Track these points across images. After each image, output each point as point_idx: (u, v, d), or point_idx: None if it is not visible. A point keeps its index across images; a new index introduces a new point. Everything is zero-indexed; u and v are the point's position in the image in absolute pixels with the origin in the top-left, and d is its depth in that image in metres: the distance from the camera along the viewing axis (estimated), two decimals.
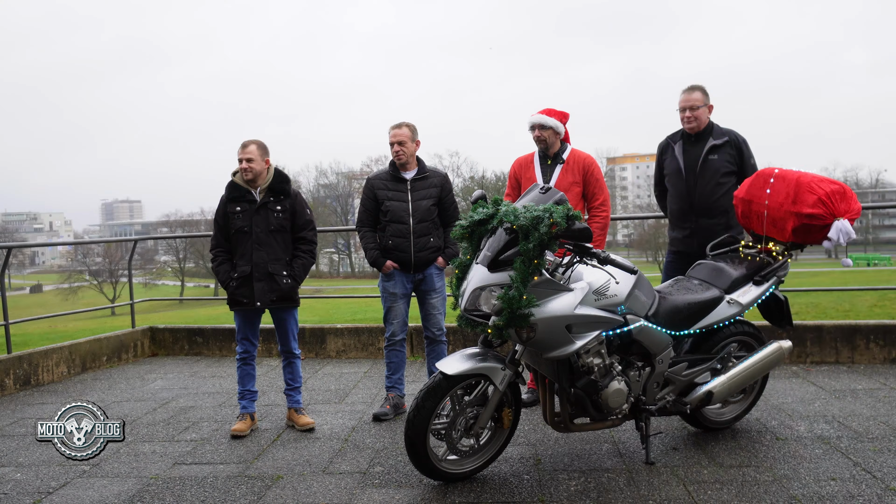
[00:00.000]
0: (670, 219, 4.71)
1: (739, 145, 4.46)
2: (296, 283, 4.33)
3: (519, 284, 3.01)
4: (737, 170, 4.45)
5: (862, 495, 3.05)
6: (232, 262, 4.32)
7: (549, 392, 3.44)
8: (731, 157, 4.43)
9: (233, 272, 4.27)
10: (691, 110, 4.41)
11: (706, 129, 4.48)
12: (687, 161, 4.50)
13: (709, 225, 4.42)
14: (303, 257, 4.38)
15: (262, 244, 4.21)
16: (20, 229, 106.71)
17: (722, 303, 3.69)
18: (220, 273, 4.34)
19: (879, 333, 5.50)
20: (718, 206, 4.42)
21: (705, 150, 4.43)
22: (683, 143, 4.55)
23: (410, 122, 4.54)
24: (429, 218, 4.53)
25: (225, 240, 4.34)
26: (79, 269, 56.21)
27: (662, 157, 4.72)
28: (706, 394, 3.64)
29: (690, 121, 4.44)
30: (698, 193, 4.45)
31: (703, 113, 4.43)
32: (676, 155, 4.55)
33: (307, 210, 4.45)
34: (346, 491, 3.33)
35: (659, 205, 4.92)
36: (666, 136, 4.72)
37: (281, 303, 4.30)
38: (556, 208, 3.01)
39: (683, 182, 4.51)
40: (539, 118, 4.42)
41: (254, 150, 4.25)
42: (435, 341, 4.67)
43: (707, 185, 4.42)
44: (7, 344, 5.94)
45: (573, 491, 3.22)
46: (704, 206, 4.44)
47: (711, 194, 4.42)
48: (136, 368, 6.54)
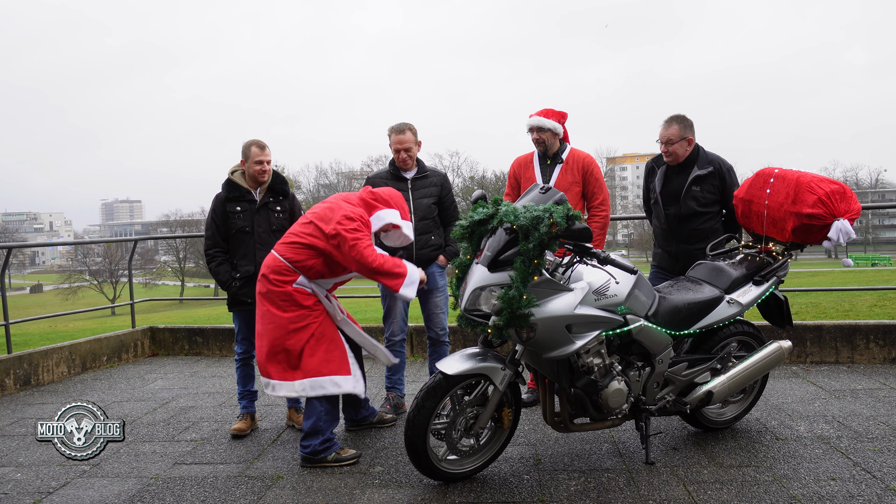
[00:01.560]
0: (655, 237, 4.63)
1: (723, 174, 4.31)
2: None
3: (519, 284, 3.01)
4: (719, 198, 4.33)
5: (862, 495, 3.05)
6: (231, 262, 4.30)
7: (549, 392, 3.44)
8: (713, 188, 4.29)
9: (234, 272, 4.26)
10: (666, 144, 4.27)
11: (690, 158, 4.31)
12: (668, 190, 4.37)
13: (690, 251, 4.33)
14: None
15: (264, 244, 4.20)
16: (20, 229, 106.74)
17: (722, 303, 3.69)
18: (221, 273, 4.28)
19: (879, 333, 5.50)
20: (699, 232, 4.32)
21: (689, 182, 4.29)
22: (667, 169, 4.41)
23: (412, 125, 4.53)
24: (430, 216, 4.53)
25: (223, 240, 4.30)
26: (79, 269, 56.23)
27: (649, 180, 4.58)
28: (706, 394, 3.64)
29: (668, 155, 4.31)
30: (679, 223, 4.34)
31: (679, 147, 4.25)
32: (656, 182, 4.43)
33: (303, 211, 4.46)
34: (346, 491, 3.33)
35: (647, 218, 4.83)
36: (652, 160, 4.58)
37: None
38: (556, 208, 3.01)
39: (662, 211, 4.41)
40: (537, 120, 4.40)
41: (270, 152, 4.31)
42: (438, 342, 4.65)
43: (688, 215, 4.31)
44: (7, 344, 5.95)
45: (573, 491, 3.22)
46: (684, 233, 4.35)
47: (691, 222, 4.32)
48: (136, 368, 6.54)
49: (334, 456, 3.67)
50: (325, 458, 3.66)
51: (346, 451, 3.73)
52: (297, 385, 3.66)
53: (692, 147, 4.30)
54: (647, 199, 4.66)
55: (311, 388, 3.64)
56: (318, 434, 3.67)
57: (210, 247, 4.32)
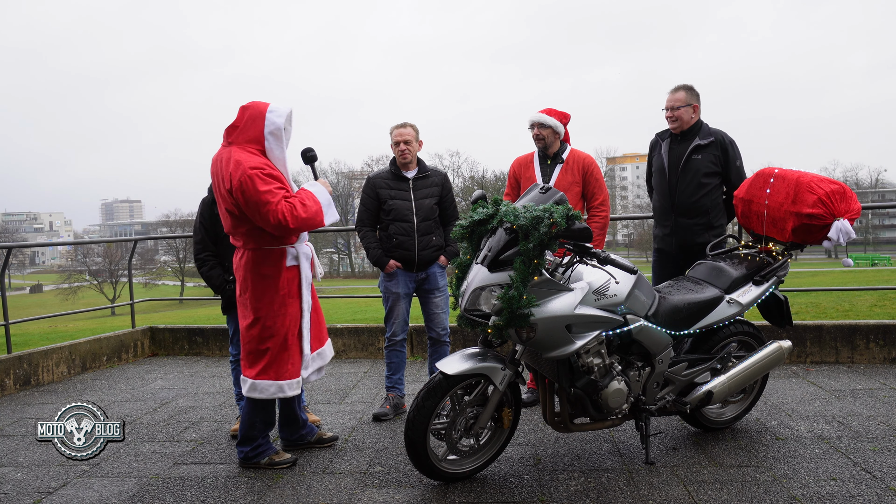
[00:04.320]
0: (654, 216, 4.75)
1: (725, 146, 4.43)
2: None
3: (519, 284, 3.01)
4: (721, 171, 4.43)
5: (862, 495, 3.05)
6: (224, 265, 4.20)
7: (549, 392, 3.44)
8: (714, 159, 4.41)
9: (227, 275, 4.18)
10: (672, 110, 4.44)
11: (693, 129, 4.48)
12: (670, 159, 4.52)
13: (688, 225, 4.44)
14: None
15: None
16: (20, 229, 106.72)
17: (722, 303, 3.69)
18: (214, 277, 4.18)
19: (879, 333, 5.50)
20: (699, 206, 4.42)
21: (689, 150, 4.43)
22: (670, 141, 4.56)
23: (413, 123, 4.54)
24: (431, 216, 4.53)
25: (213, 243, 4.19)
26: (79, 269, 56.24)
27: (651, 154, 4.75)
28: (706, 394, 3.64)
29: (672, 120, 4.48)
30: (679, 192, 4.46)
31: (685, 113, 4.42)
32: (662, 153, 4.58)
33: None
34: (346, 491, 3.33)
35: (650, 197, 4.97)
36: (656, 133, 4.74)
37: None
38: (556, 208, 3.01)
39: (666, 180, 4.54)
40: (539, 116, 4.43)
41: None
42: (438, 342, 4.65)
43: (688, 185, 4.43)
44: (7, 344, 5.94)
45: (573, 491, 3.22)
46: (684, 205, 4.45)
47: (692, 194, 4.42)
48: (136, 368, 6.54)
49: (267, 460, 3.69)
50: (258, 463, 3.68)
51: (282, 455, 3.73)
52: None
53: (697, 115, 4.47)
54: (650, 175, 4.79)
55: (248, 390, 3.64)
56: (251, 441, 3.69)
57: (200, 251, 4.22)
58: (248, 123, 3.45)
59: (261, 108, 3.47)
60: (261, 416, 3.67)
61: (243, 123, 3.46)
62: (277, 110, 3.47)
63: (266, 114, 3.45)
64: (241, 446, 3.71)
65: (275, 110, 3.46)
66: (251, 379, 3.59)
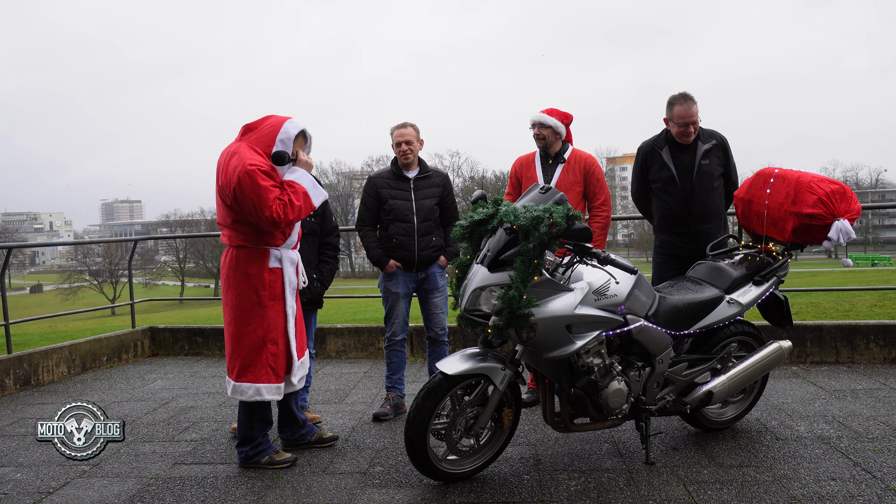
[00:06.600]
0: (661, 223, 4.53)
1: (725, 146, 4.41)
2: (324, 286, 4.35)
3: (519, 284, 3.01)
4: (724, 171, 4.41)
5: (862, 495, 3.04)
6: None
7: (549, 392, 3.44)
8: (719, 160, 4.37)
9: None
10: (692, 125, 4.23)
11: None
12: (679, 167, 4.35)
13: (706, 229, 4.35)
14: (330, 262, 4.39)
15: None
16: (20, 229, 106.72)
17: (722, 303, 3.69)
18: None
19: (879, 333, 5.50)
20: (714, 209, 4.38)
21: (699, 157, 4.31)
22: (670, 148, 4.39)
23: (414, 123, 4.54)
24: (432, 217, 4.53)
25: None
26: (79, 269, 56.22)
27: (647, 163, 4.51)
28: (706, 394, 3.64)
29: (685, 136, 4.28)
30: (696, 200, 4.32)
31: (697, 126, 4.29)
32: (666, 161, 4.37)
33: (333, 216, 4.46)
34: (346, 491, 3.33)
35: (638, 208, 4.76)
36: (649, 140, 4.52)
37: (309, 305, 4.29)
38: (557, 208, 3.01)
39: (679, 190, 4.35)
40: (539, 116, 4.43)
41: None
42: (437, 342, 4.66)
43: (704, 192, 4.32)
44: (7, 344, 5.94)
45: (573, 491, 3.22)
46: (702, 212, 4.34)
47: (707, 200, 4.34)
48: (136, 368, 6.54)
49: (268, 459, 3.69)
50: (258, 462, 3.68)
51: (282, 454, 3.73)
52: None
53: None
54: (643, 185, 4.58)
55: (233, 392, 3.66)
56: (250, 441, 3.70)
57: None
58: (266, 130, 3.54)
59: (282, 120, 3.58)
60: (257, 416, 3.68)
61: (260, 128, 3.56)
62: (294, 122, 3.58)
63: (284, 124, 3.55)
64: (241, 447, 3.72)
65: (293, 122, 3.58)
66: (233, 381, 3.62)
